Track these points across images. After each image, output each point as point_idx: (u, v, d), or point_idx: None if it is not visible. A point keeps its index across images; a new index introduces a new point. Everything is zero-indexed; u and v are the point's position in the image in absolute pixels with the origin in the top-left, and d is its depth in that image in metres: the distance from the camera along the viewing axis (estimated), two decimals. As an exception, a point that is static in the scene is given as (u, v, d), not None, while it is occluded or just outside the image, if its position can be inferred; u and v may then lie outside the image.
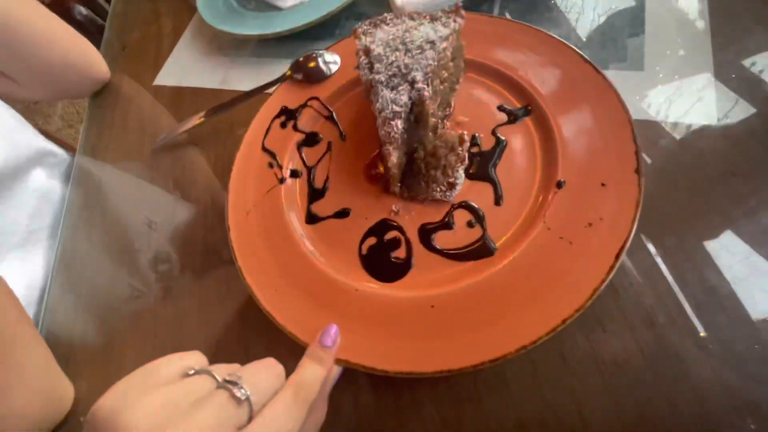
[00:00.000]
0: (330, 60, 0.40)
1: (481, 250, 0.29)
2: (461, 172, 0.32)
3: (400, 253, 0.31)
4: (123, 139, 0.48)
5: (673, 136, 0.32)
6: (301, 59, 0.41)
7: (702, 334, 0.26)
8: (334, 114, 0.39)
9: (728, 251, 0.28)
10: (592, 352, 0.27)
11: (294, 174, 0.37)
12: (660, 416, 0.24)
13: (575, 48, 0.34)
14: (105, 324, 0.38)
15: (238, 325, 0.35)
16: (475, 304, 0.27)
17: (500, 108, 0.35)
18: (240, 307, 0.35)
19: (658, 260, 0.28)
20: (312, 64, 0.40)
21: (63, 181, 0.48)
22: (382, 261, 0.31)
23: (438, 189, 0.31)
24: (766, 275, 0.27)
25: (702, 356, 0.25)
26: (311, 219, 0.35)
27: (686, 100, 0.34)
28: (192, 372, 0.20)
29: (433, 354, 0.26)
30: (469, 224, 0.31)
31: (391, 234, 0.32)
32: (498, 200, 0.31)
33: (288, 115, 0.40)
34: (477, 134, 0.34)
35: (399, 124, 0.29)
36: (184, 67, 0.52)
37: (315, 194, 0.36)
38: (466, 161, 0.32)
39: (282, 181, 0.36)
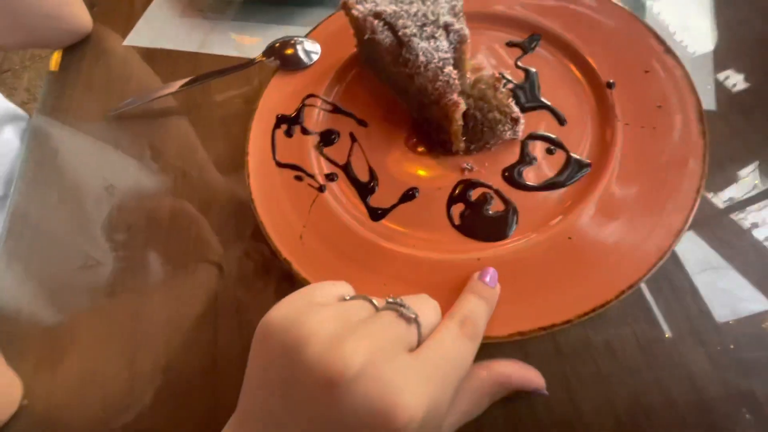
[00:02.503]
0: (311, 49, 0.36)
1: (577, 167, 0.28)
2: (514, 106, 0.30)
3: (497, 206, 0.28)
4: (86, 102, 0.43)
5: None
6: (277, 45, 0.36)
7: (698, 322, 0.25)
8: (340, 105, 0.35)
9: (730, 237, 0.27)
10: (585, 338, 0.26)
11: (330, 178, 0.31)
12: (654, 404, 0.24)
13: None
14: (56, 298, 0.33)
15: (208, 316, 0.31)
16: (609, 217, 0.25)
17: (509, 44, 0.35)
18: (209, 297, 0.31)
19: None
20: (289, 51, 0.36)
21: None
22: (485, 221, 0.28)
23: (505, 128, 0.29)
24: (764, 264, 0.26)
25: (698, 345, 0.25)
26: (376, 215, 0.30)
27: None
28: (348, 297, 0.20)
29: (585, 288, 0.23)
30: (549, 151, 0.29)
31: (477, 192, 0.29)
32: (561, 120, 0.30)
33: (288, 122, 0.34)
34: (503, 72, 0.33)
35: (453, 70, 0.27)
36: (159, 28, 0.47)
37: (366, 189, 0.31)
38: (512, 96, 0.31)
39: (322, 189, 0.31)
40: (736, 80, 0.33)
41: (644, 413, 0.23)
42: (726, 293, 0.26)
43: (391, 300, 0.20)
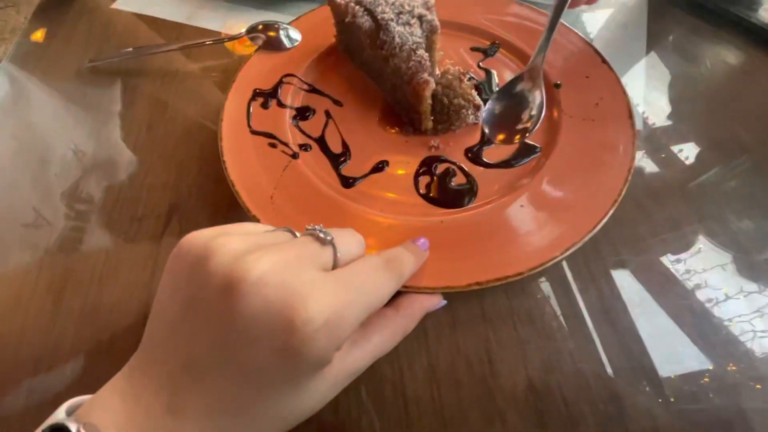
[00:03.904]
0: (293, 35, 0.38)
1: (528, 151, 0.32)
2: (476, 96, 0.34)
3: (460, 179, 0.31)
4: (61, 54, 0.43)
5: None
6: (260, 26, 0.38)
7: (609, 303, 0.27)
8: (316, 86, 0.37)
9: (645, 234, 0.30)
10: (509, 306, 0.27)
11: (304, 148, 0.33)
12: (564, 371, 0.25)
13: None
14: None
15: (148, 261, 0.30)
16: (556, 189, 0.29)
17: (473, 48, 0.39)
18: (152, 243, 0.31)
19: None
20: (272, 33, 0.38)
21: None
22: (448, 191, 0.30)
23: (468, 113, 0.33)
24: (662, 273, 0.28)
25: (608, 323, 0.27)
26: (347, 183, 0.31)
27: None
28: (270, 229, 0.20)
29: (526, 253, 0.26)
30: (506, 136, 0.33)
31: (442, 167, 0.31)
32: (517, 111, 0.34)
33: (264, 96, 0.35)
34: (467, 71, 0.37)
35: (425, 53, 0.30)
36: None
37: (338, 160, 0.32)
38: (474, 88, 0.35)
39: (295, 156, 0.32)
40: (660, 97, 0.40)
41: (555, 378, 0.25)
42: (638, 279, 0.28)
43: (310, 227, 0.19)
